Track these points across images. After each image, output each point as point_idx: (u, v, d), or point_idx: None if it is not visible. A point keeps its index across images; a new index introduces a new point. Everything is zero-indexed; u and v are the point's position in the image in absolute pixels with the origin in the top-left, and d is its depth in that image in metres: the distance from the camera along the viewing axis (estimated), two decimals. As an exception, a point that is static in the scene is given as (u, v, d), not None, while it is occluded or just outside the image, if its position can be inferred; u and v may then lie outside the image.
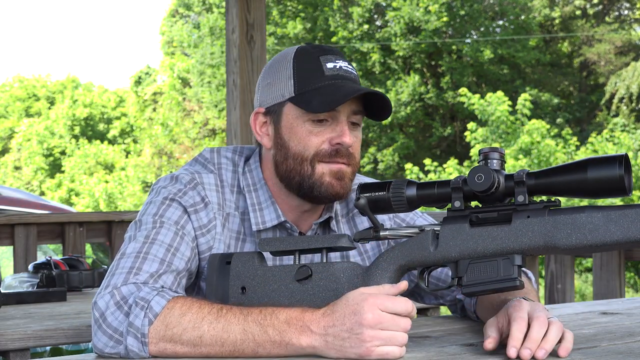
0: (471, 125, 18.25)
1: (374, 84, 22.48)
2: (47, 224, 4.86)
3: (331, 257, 1.93)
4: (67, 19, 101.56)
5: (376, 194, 1.74)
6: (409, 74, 23.00)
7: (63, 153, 29.70)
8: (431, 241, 1.68)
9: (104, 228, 5.00)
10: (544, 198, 1.66)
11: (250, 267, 1.75)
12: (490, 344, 1.59)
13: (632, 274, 15.79)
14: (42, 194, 27.35)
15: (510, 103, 18.24)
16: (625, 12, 24.91)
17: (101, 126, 31.65)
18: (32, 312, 2.71)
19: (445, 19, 22.04)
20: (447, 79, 22.68)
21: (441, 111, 23.44)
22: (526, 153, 17.00)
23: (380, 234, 1.75)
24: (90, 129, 31.38)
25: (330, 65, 1.86)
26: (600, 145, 16.79)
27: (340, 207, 2.00)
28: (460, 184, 1.68)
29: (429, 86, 23.04)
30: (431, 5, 21.90)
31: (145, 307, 1.60)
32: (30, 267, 3.32)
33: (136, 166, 27.06)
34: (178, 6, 27.03)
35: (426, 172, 18.74)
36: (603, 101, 22.05)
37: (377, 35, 23.03)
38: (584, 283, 15.42)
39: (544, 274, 4.37)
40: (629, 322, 1.99)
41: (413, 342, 1.71)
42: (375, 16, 23.52)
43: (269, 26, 22.81)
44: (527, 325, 1.58)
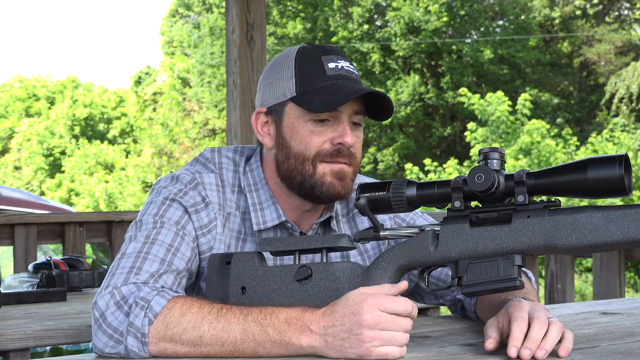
0: (471, 125, 18.26)
1: (374, 84, 22.47)
2: (47, 224, 4.86)
3: (331, 257, 1.93)
4: (67, 19, 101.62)
5: (376, 194, 1.74)
6: (409, 74, 23.00)
7: (63, 153, 29.70)
8: (431, 241, 1.68)
9: (104, 228, 5.00)
10: (544, 198, 1.67)
11: (250, 267, 1.75)
12: (491, 344, 1.59)
13: (632, 274, 15.79)
14: (42, 194, 27.34)
15: (510, 103, 18.24)
16: (625, 12, 24.92)
17: (101, 126, 31.65)
18: (32, 312, 2.71)
19: (445, 19, 22.04)
20: (447, 79, 22.68)
21: (441, 111, 23.44)
22: (526, 153, 17.00)
23: (380, 234, 1.75)
24: (90, 129, 31.38)
25: (332, 65, 1.86)
26: (600, 145, 16.79)
27: (340, 207, 2.00)
28: (460, 184, 1.68)
29: (429, 86, 23.03)
30: (431, 5, 21.90)
31: (146, 307, 1.60)
32: (30, 267, 3.31)
33: (136, 166, 27.06)
34: (178, 6, 27.03)
35: (426, 172, 18.74)
36: (603, 101, 22.05)
37: (377, 35, 23.03)
38: (584, 283, 15.42)
39: (544, 274, 4.37)
40: (629, 322, 1.99)
41: (413, 342, 1.71)
42: (375, 16, 23.52)
43: (269, 26, 22.80)
44: (528, 325, 1.58)
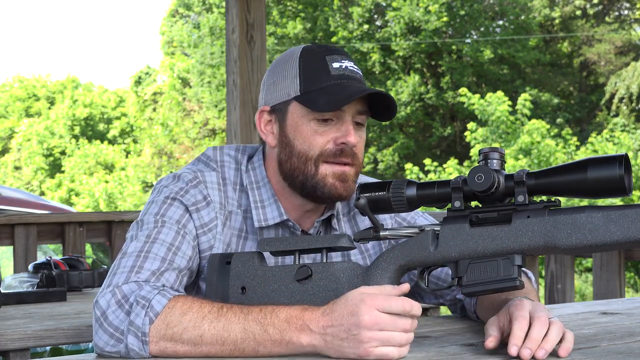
0: (471, 125, 18.26)
1: (374, 84, 22.47)
2: (47, 224, 4.86)
3: (332, 256, 1.93)
4: (67, 19, 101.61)
5: (376, 194, 1.74)
6: (409, 74, 23.00)
7: (63, 153, 29.69)
8: (431, 241, 1.68)
9: (104, 228, 5.00)
10: (544, 198, 1.67)
11: (250, 267, 1.75)
12: (491, 343, 1.59)
13: (632, 274, 15.79)
14: (42, 194, 27.34)
15: (510, 103, 18.24)
16: (625, 12, 24.91)
17: (101, 126, 31.65)
18: (32, 312, 2.71)
19: (445, 19, 22.04)
20: (447, 79, 22.68)
21: (441, 111, 23.44)
22: (526, 153, 17.00)
23: (380, 234, 1.75)
24: (90, 129, 31.38)
25: (336, 65, 1.87)
26: (600, 145, 16.79)
27: (341, 206, 2.01)
28: (460, 184, 1.68)
29: (429, 86, 23.03)
30: (431, 5, 21.89)
31: (147, 306, 1.60)
32: (30, 267, 3.31)
33: (136, 166, 27.06)
34: (178, 6, 27.02)
35: (426, 172, 18.74)
36: (603, 101, 22.05)
37: (377, 35, 23.03)
38: (584, 283, 15.42)
39: (544, 274, 4.37)
40: (629, 322, 1.99)
41: (413, 342, 1.70)
42: (375, 16, 23.52)
43: (269, 26, 22.80)
44: (529, 325, 1.58)
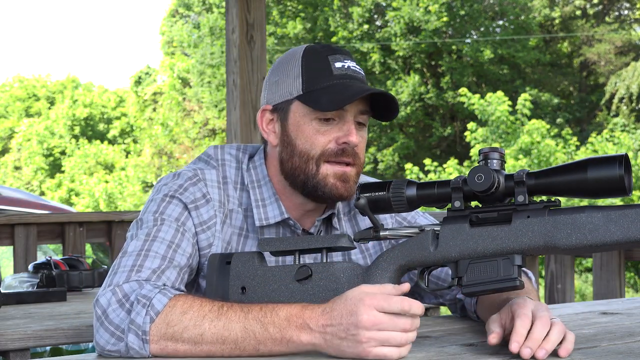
0: (471, 125, 18.26)
1: (373, 84, 22.46)
2: (47, 224, 4.85)
3: (332, 255, 1.94)
4: (67, 19, 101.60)
5: (376, 194, 1.74)
6: (409, 74, 23.00)
7: (63, 153, 29.69)
8: (431, 241, 1.68)
9: (104, 228, 4.99)
10: (544, 198, 1.66)
11: (250, 267, 1.75)
12: (494, 339, 1.60)
13: (632, 274, 15.79)
14: (42, 194, 27.34)
15: (510, 103, 18.24)
16: (625, 12, 24.91)
17: (101, 126, 31.64)
18: (32, 312, 2.71)
19: (445, 19, 22.04)
20: (447, 79, 22.68)
21: (441, 111, 23.44)
22: (526, 153, 17.00)
23: (380, 234, 1.75)
24: (90, 129, 31.38)
25: (338, 65, 1.87)
26: (600, 145, 16.79)
27: (342, 206, 2.01)
28: (460, 184, 1.68)
29: (429, 86, 23.03)
30: (431, 5, 21.89)
31: (147, 305, 1.60)
32: (30, 267, 3.31)
33: (136, 166, 27.06)
34: (178, 6, 27.02)
35: (426, 172, 18.75)
36: (603, 101, 22.05)
37: (377, 35, 23.03)
38: (584, 283, 15.42)
39: (544, 274, 4.37)
40: (629, 322, 1.99)
41: (413, 342, 1.70)
42: (375, 16, 23.51)
43: (269, 26, 22.80)
44: (531, 324, 1.58)
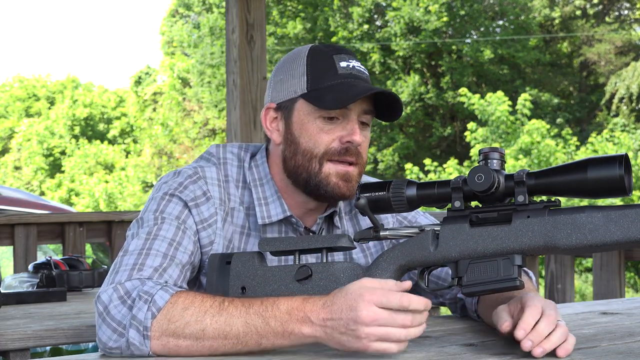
0: (471, 125, 18.26)
1: (374, 84, 22.42)
2: (47, 224, 4.85)
3: (333, 253, 1.93)
4: (67, 19, 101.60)
5: (376, 194, 1.74)
6: (409, 74, 22.99)
7: (63, 153, 29.69)
8: (431, 241, 1.68)
9: (104, 228, 4.99)
10: (544, 198, 1.67)
11: (250, 267, 1.75)
12: (507, 327, 1.60)
13: (632, 274, 15.80)
14: (42, 194, 27.34)
15: (510, 103, 18.24)
16: (625, 12, 24.91)
17: (101, 126, 31.64)
18: (32, 312, 2.71)
19: (445, 19, 22.03)
20: (447, 79, 22.68)
21: (441, 111, 23.43)
22: (526, 153, 17.00)
23: (380, 234, 1.75)
24: (90, 129, 31.37)
25: (343, 64, 1.88)
26: (600, 145, 16.79)
27: (344, 204, 2.02)
28: (460, 184, 1.68)
29: (429, 86, 23.03)
30: (431, 5, 21.89)
31: (149, 301, 1.60)
32: (30, 267, 3.31)
33: (136, 166, 27.05)
34: (178, 6, 27.02)
35: (426, 172, 18.74)
36: (603, 101, 22.05)
37: (377, 35, 23.02)
38: (584, 283, 15.42)
39: (544, 274, 4.37)
40: (629, 322, 1.99)
41: (413, 342, 1.70)
42: (375, 16, 23.51)
43: (269, 26, 22.80)
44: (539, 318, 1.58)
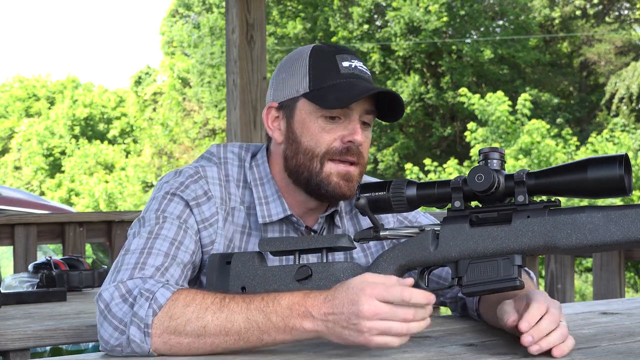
0: (471, 125, 18.26)
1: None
2: (47, 224, 4.85)
3: (334, 253, 1.93)
4: (67, 19, 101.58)
5: (376, 194, 1.74)
6: (409, 74, 22.99)
7: (63, 153, 29.68)
8: (431, 241, 1.68)
9: (104, 228, 4.99)
10: (544, 198, 1.67)
11: (250, 267, 1.75)
12: (513, 322, 1.60)
13: (632, 274, 15.80)
14: (42, 194, 27.33)
15: (510, 103, 18.24)
16: (625, 12, 24.91)
17: (101, 126, 31.64)
18: (32, 312, 2.71)
19: (445, 19, 22.03)
20: (447, 79, 22.68)
21: (441, 111, 23.43)
22: (526, 153, 17.00)
23: (380, 234, 1.75)
24: (90, 129, 31.37)
25: (345, 64, 1.89)
26: (600, 145, 16.80)
27: (344, 204, 2.02)
28: (460, 184, 1.68)
29: (429, 86, 23.03)
30: (431, 5, 21.89)
31: (150, 298, 1.61)
32: (30, 267, 3.31)
33: (136, 166, 27.05)
34: (178, 6, 27.02)
35: (426, 172, 18.75)
36: (603, 101, 22.05)
37: (377, 35, 23.02)
38: (584, 283, 15.42)
39: (544, 274, 4.37)
40: (629, 322, 1.99)
41: (413, 342, 1.71)
42: (375, 16, 23.51)
43: (269, 26, 22.80)
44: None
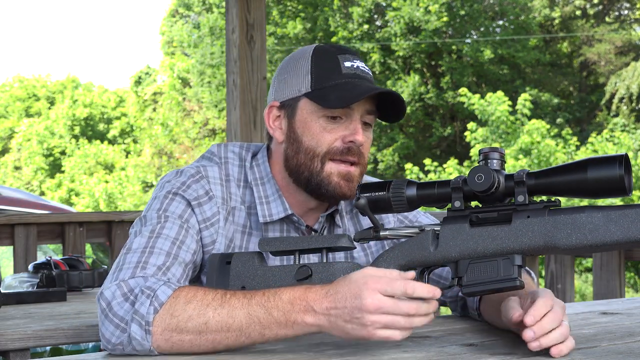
0: (471, 125, 18.26)
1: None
2: (47, 224, 4.85)
3: (334, 253, 1.93)
4: (67, 19, 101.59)
5: (376, 194, 1.74)
6: (409, 74, 22.99)
7: (63, 153, 29.68)
8: (431, 241, 1.68)
9: (104, 228, 4.99)
10: (544, 198, 1.67)
11: (250, 267, 1.75)
12: (519, 317, 1.59)
13: (632, 274, 15.80)
14: (42, 194, 27.33)
15: (510, 103, 18.24)
16: (625, 12, 24.91)
17: (101, 126, 31.64)
18: (32, 312, 2.71)
19: (445, 19, 22.03)
20: (447, 79, 22.68)
21: (441, 111, 23.43)
22: (526, 153, 17.00)
23: (380, 234, 1.75)
24: (90, 129, 31.37)
25: (348, 64, 1.89)
26: (600, 145, 16.80)
27: (345, 204, 2.02)
28: (460, 184, 1.68)
29: (429, 86, 23.03)
30: (431, 5, 21.89)
31: (152, 296, 1.61)
32: (30, 267, 3.31)
33: (136, 166, 27.05)
34: (178, 6, 27.02)
35: (426, 172, 18.75)
36: (603, 101, 22.05)
37: (377, 35, 23.02)
38: (584, 283, 15.42)
39: (544, 274, 4.37)
40: (629, 322, 1.99)
41: (413, 342, 1.71)
42: (375, 16, 23.51)
43: (269, 26, 22.80)
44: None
